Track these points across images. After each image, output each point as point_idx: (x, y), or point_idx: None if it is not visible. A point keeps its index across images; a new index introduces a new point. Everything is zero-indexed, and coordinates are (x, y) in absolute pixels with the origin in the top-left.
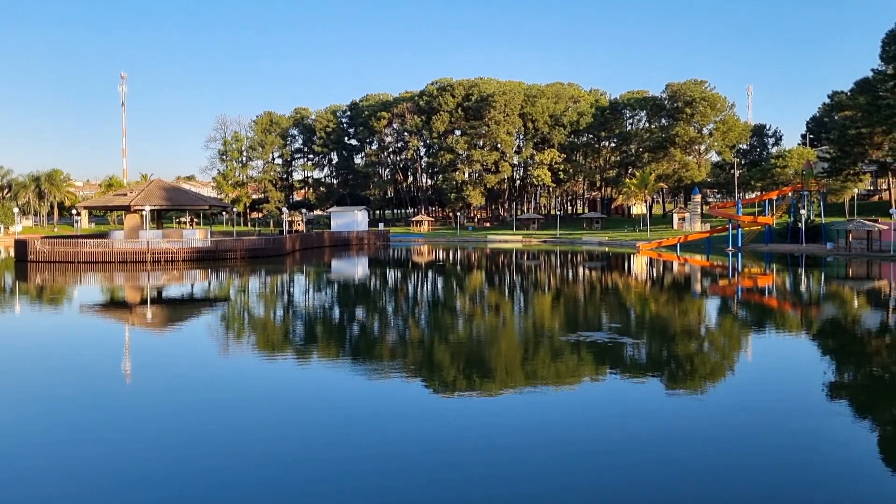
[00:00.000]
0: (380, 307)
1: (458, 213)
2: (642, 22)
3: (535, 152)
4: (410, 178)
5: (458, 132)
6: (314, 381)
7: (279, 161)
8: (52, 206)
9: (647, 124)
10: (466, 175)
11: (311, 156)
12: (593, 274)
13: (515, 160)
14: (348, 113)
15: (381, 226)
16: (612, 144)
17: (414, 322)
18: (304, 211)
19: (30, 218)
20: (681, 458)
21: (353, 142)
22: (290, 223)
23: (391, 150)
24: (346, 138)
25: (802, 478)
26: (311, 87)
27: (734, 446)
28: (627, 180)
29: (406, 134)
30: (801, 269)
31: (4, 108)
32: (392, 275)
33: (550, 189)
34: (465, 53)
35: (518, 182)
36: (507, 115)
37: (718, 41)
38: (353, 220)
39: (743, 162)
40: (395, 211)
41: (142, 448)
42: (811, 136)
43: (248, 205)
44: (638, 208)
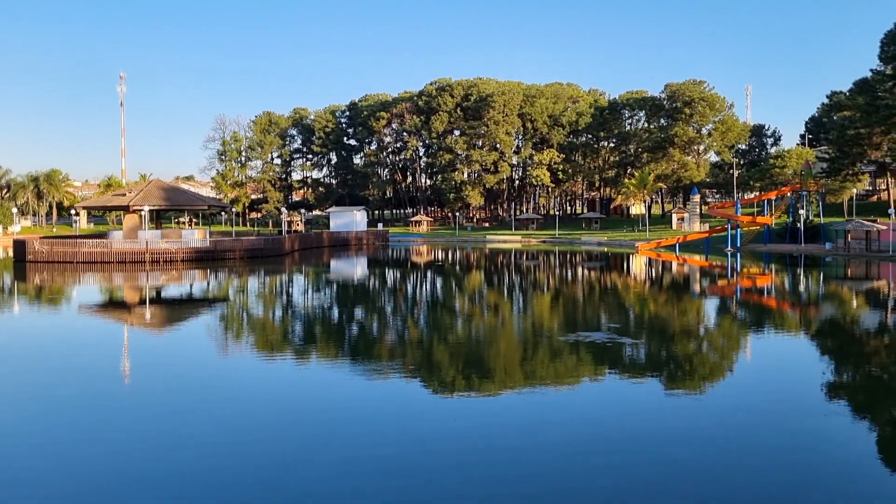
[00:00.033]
0: (379, 307)
1: (457, 214)
2: (641, 22)
3: (534, 152)
4: (409, 179)
5: (457, 132)
6: (313, 381)
7: (278, 161)
8: (50, 207)
9: (645, 124)
10: (465, 175)
11: (310, 156)
12: (592, 274)
13: (514, 160)
14: (347, 113)
15: (380, 226)
16: (611, 144)
17: (413, 322)
18: (302, 211)
19: (28, 218)
20: (680, 459)
21: (352, 142)
22: (289, 223)
23: (390, 150)
24: (345, 138)
25: (801, 478)
26: (310, 87)
27: (733, 447)
28: (626, 180)
29: (405, 134)
30: (800, 269)
31: (3, 108)
32: (391, 275)
33: (549, 189)
34: (464, 53)
35: (517, 182)
36: (506, 115)
37: (717, 41)
38: (351, 220)
39: (742, 162)
40: (394, 211)
41: (140, 448)
42: (810, 136)
43: (246, 205)
44: (637, 208)
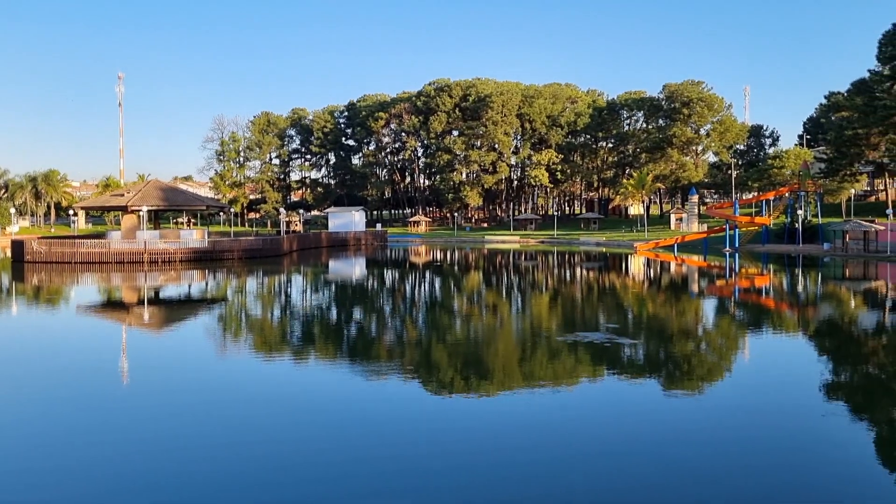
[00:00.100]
0: (377, 308)
1: (456, 214)
2: (640, 22)
3: (532, 153)
4: (408, 179)
5: (455, 133)
6: (312, 382)
7: (276, 161)
8: (48, 207)
9: (644, 125)
10: (464, 175)
11: (309, 156)
12: (591, 274)
13: (513, 161)
14: (346, 113)
15: (379, 226)
16: (610, 145)
17: (411, 323)
18: (301, 211)
19: (27, 218)
20: (679, 460)
21: (351, 142)
22: (288, 224)
23: (389, 150)
24: (343, 139)
25: (800, 479)
26: (308, 87)
27: (733, 447)
28: (625, 181)
29: (404, 134)
30: (798, 269)
31: (1, 108)
32: (389, 275)
33: (548, 189)
34: (462, 54)
35: (515, 182)
36: (505, 115)
37: (716, 42)
38: (350, 220)
39: (740, 162)
40: (393, 211)
41: (139, 450)
42: (808, 136)
43: (245, 205)
44: (635, 209)
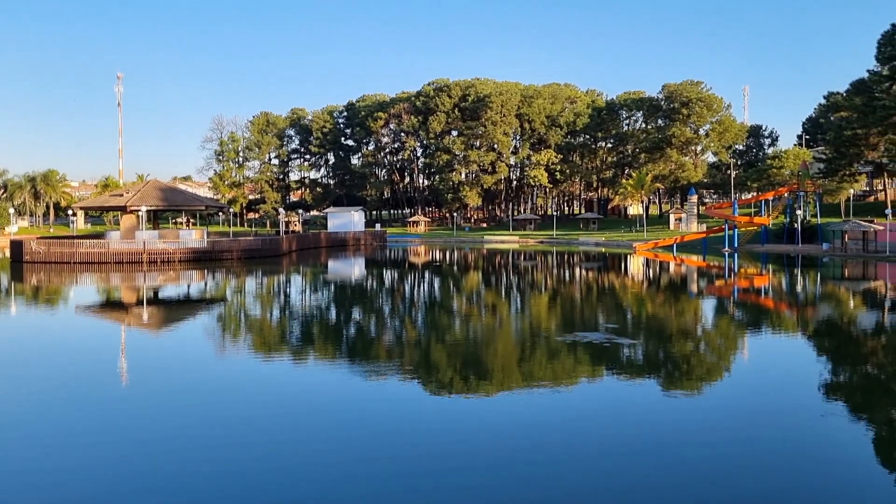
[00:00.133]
0: (376, 308)
1: (455, 214)
2: (639, 23)
3: (531, 153)
4: (407, 179)
5: (454, 133)
6: (311, 382)
7: (276, 161)
8: (47, 207)
9: (643, 125)
10: (463, 175)
11: (308, 156)
12: (590, 274)
13: (512, 161)
14: (345, 113)
15: (378, 226)
16: (609, 145)
17: (410, 323)
18: (300, 211)
19: (25, 218)
20: (678, 460)
21: (350, 142)
22: (287, 224)
23: (388, 150)
24: (342, 139)
25: (799, 479)
26: (307, 87)
27: (732, 448)
28: (624, 181)
29: (403, 134)
30: (797, 269)
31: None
32: (389, 276)
33: (547, 189)
34: (461, 54)
35: (515, 182)
36: (504, 115)
37: (715, 42)
38: (349, 220)
39: (739, 162)
40: (392, 211)
41: (137, 451)
42: (807, 136)
43: (244, 205)
44: (634, 209)
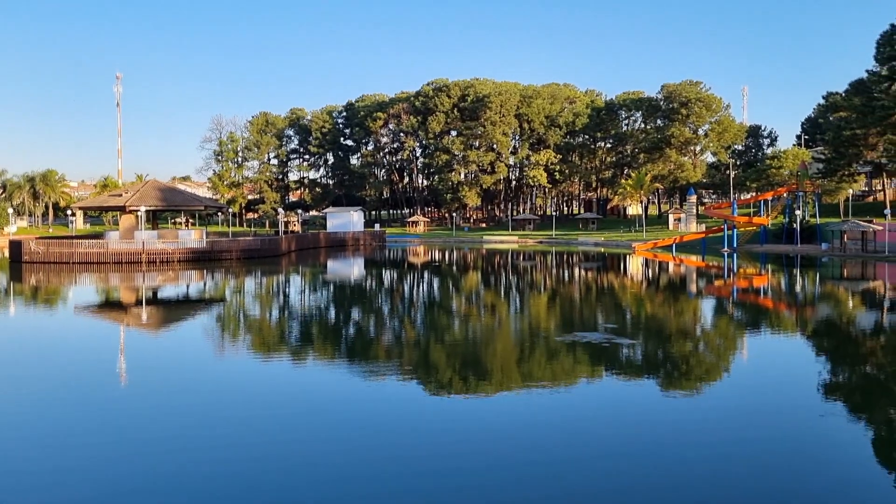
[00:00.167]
0: (375, 308)
1: (454, 214)
2: (638, 23)
3: (530, 153)
4: (406, 179)
5: (453, 133)
6: (310, 382)
7: (275, 161)
8: (46, 207)
9: (642, 125)
10: (462, 176)
11: (307, 156)
12: (589, 275)
13: (511, 161)
14: (344, 113)
15: (377, 226)
16: (608, 145)
17: (410, 323)
18: (299, 211)
19: (24, 218)
20: (678, 460)
21: (349, 142)
22: (286, 224)
23: (387, 150)
24: (341, 139)
25: (799, 479)
26: (306, 87)
27: (732, 449)
28: (623, 181)
29: (402, 134)
30: (796, 269)
31: None
32: (388, 276)
33: (546, 190)
34: (461, 54)
35: (514, 183)
36: (503, 115)
37: (714, 42)
38: (348, 220)
39: (738, 163)
40: (391, 211)
41: (137, 451)
42: (806, 136)
43: (243, 205)
44: (634, 209)
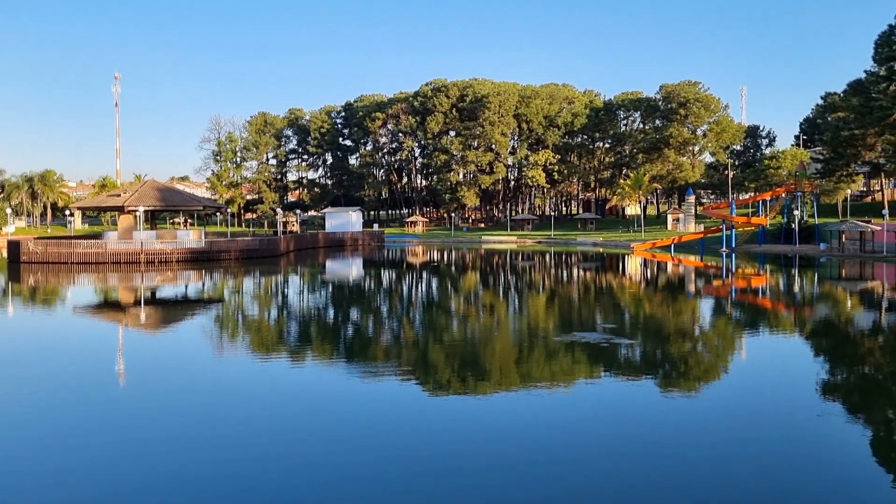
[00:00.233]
0: (374, 308)
1: (453, 214)
2: (637, 23)
3: (529, 153)
4: (405, 179)
5: (452, 133)
6: (309, 383)
7: (273, 162)
8: (45, 207)
9: (641, 125)
10: (461, 176)
11: (306, 156)
12: (588, 275)
13: (510, 161)
14: (343, 113)
15: (376, 226)
16: (607, 145)
17: (409, 324)
18: (298, 212)
19: (23, 219)
20: (678, 460)
21: (348, 142)
22: (285, 224)
23: (386, 150)
24: (340, 139)
25: (798, 479)
26: (305, 87)
27: (732, 449)
28: (622, 181)
29: (401, 135)
30: (795, 269)
31: None
32: (386, 276)
33: (545, 190)
34: (459, 54)
35: (512, 183)
36: (502, 115)
37: (712, 42)
38: (347, 220)
39: (737, 163)
40: (390, 212)
41: (137, 451)
42: (804, 137)
43: (242, 205)
44: (632, 209)
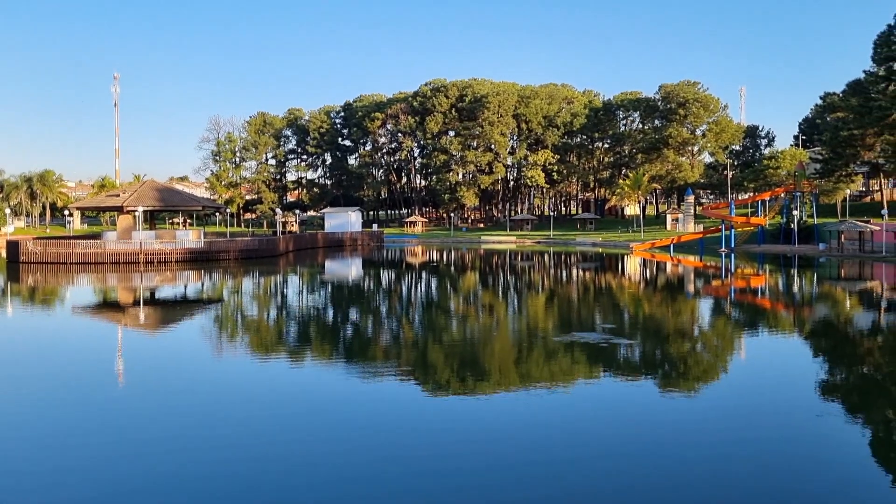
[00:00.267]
0: (373, 308)
1: (452, 214)
2: (636, 23)
3: (528, 153)
4: (404, 179)
5: (451, 133)
6: (308, 383)
7: (273, 162)
8: (44, 207)
9: (640, 125)
10: (460, 176)
11: (305, 156)
12: (587, 275)
13: (509, 161)
14: (342, 114)
15: (375, 227)
16: (606, 145)
17: (408, 324)
18: (297, 212)
19: (22, 219)
20: (677, 460)
21: (347, 142)
22: (284, 224)
23: (385, 150)
24: (339, 139)
25: (797, 479)
26: (304, 87)
27: (731, 449)
28: (621, 181)
29: (400, 135)
30: (794, 269)
31: None
32: (386, 276)
33: (544, 190)
34: (459, 54)
35: (512, 183)
36: (501, 115)
37: (711, 42)
38: (346, 220)
39: (736, 163)
40: (389, 212)
41: (137, 451)
42: (804, 137)
43: (241, 206)
44: (631, 209)
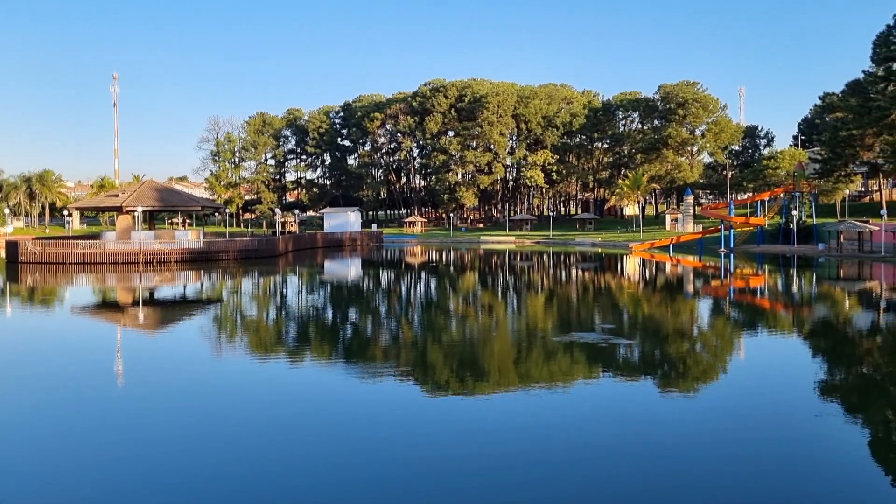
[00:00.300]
0: (373, 309)
1: (452, 214)
2: (635, 23)
3: (528, 153)
4: (403, 179)
5: (451, 133)
6: (308, 383)
7: (272, 162)
8: (43, 207)
9: (639, 125)
10: (459, 176)
11: (304, 157)
12: (586, 275)
13: (508, 161)
14: (341, 114)
15: (374, 227)
16: (605, 145)
17: (407, 324)
18: (296, 212)
19: (21, 219)
20: (677, 461)
21: (346, 143)
22: (283, 224)
23: (384, 151)
24: (338, 139)
25: (796, 479)
26: (304, 87)
27: (731, 449)
28: (620, 181)
29: (399, 135)
30: (793, 270)
31: None
32: (385, 276)
33: (543, 190)
34: (458, 54)
35: (511, 183)
36: (500, 116)
37: (711, 42)
38: (345, 221)
39: (735, 163)
40: (388, 212)
41: (137, 452)
42: (803, 137)
43: (240, 206)
44: (631, 209)
